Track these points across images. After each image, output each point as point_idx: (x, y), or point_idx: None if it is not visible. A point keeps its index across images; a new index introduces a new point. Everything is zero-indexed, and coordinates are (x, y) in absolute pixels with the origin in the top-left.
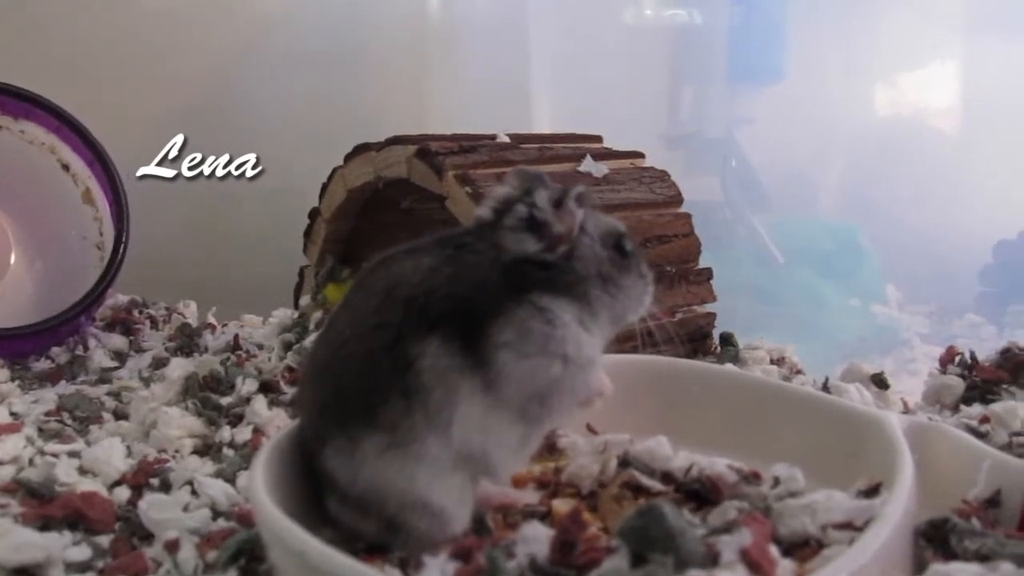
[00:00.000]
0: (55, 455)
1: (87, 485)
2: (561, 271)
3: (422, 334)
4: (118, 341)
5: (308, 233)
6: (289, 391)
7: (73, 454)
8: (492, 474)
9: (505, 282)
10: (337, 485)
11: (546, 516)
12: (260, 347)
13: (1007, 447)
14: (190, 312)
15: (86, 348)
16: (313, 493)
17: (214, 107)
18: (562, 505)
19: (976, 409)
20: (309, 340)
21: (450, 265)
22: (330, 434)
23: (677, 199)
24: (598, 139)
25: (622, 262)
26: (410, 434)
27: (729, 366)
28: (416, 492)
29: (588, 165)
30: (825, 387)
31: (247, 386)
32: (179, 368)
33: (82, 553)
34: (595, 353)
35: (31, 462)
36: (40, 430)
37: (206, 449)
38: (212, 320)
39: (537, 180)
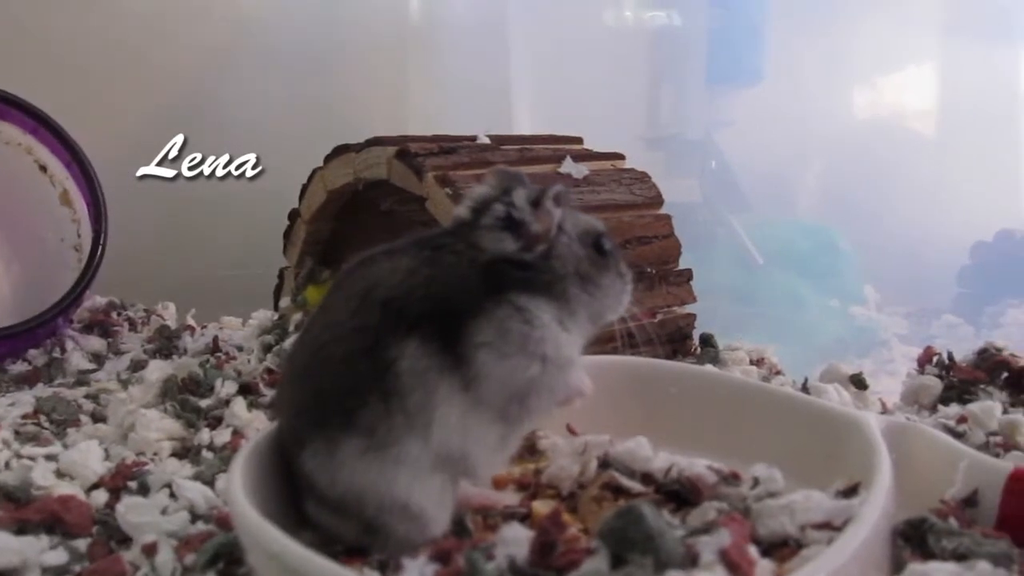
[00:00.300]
0: (32, 458)
1: (64, 488)
2: (539, 270)
3: (400, 336)
4: (96, 343)
5: (288, 235)
6: (268, 393)
7: (50, 457)
8: (472, 475)
9: (483, 282)
10: (316, 488)
11: (526, 518)
12: (239, 349)
13: (984, 447)
14: (169, 314)
15: (63, 350)
16: (292, 495)
17: (193, 109)
18: (542, 506)
19: (953, 409)
20: (289, 342)
21: (428, 266)
22: (309, 437)
23: (657, 200)
24: (578, 140)
25: (600, 261)
26: (389, 436)
27: (709, 367)
28: (396, 494)
29: (568, 166)
30: (804, 388)
31: (226, 388)
32: (157, 370)
33: (59, 557)
34: (574, 353)
35: (7, 465)
36: (17, 433)
37: (184, 452)
38: (191, 322)
39: (516, 180)
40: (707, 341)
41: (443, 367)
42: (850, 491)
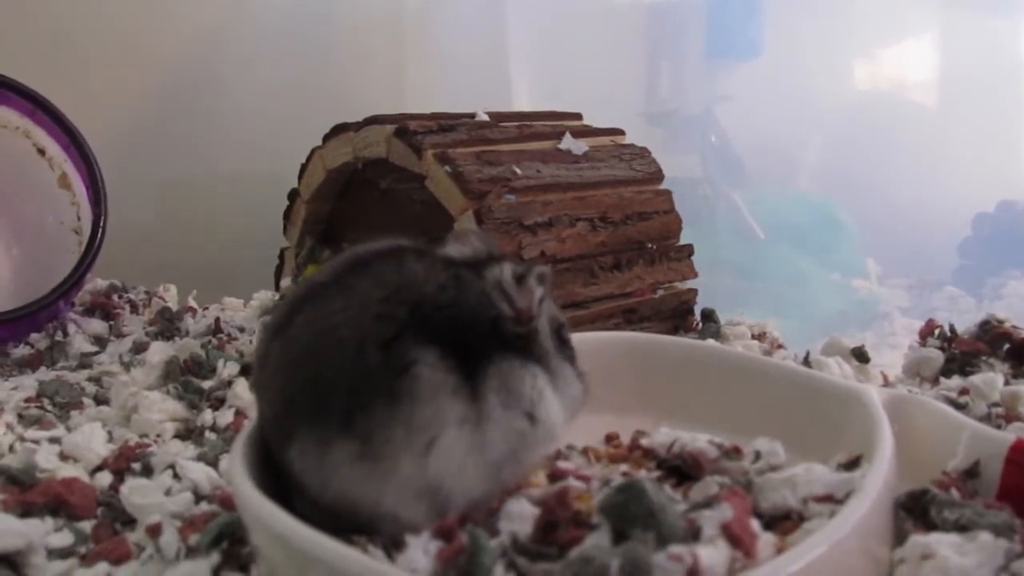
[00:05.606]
0: (35, 441)
1: (68, 471)
2: (531, 341)
3: (423, 341)
4: (98, 326)
5: (287, 214)
6: None
7: (54, 440)
8: (442, 513)
9: (494, 332)
10: (306, 490)
11: None
12: (241, 330)
13: (986, 418)
14: (170, 296)
15: (65, 334)
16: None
17: (191, 90)
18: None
19: (955, 381)
20: None
21: (456, 289)
22: (298, 433)
23: (658, 176)
24: (578, 116)
25: (563, 351)
26: (384, 448)
27: (710, 341)
28: (385, 507)
29: (568, 143)
30: (806, 361)
31: (228, 369)
32: (160, 352)
33: (64, 539)
34: (560, 421)
35: (11, 449)
36: (20, 416)
37: (188, 433)
38: (192, 303)
39: (499, 250)
40: (708, 316)
41: (458, 390)
42: (852, 464)
